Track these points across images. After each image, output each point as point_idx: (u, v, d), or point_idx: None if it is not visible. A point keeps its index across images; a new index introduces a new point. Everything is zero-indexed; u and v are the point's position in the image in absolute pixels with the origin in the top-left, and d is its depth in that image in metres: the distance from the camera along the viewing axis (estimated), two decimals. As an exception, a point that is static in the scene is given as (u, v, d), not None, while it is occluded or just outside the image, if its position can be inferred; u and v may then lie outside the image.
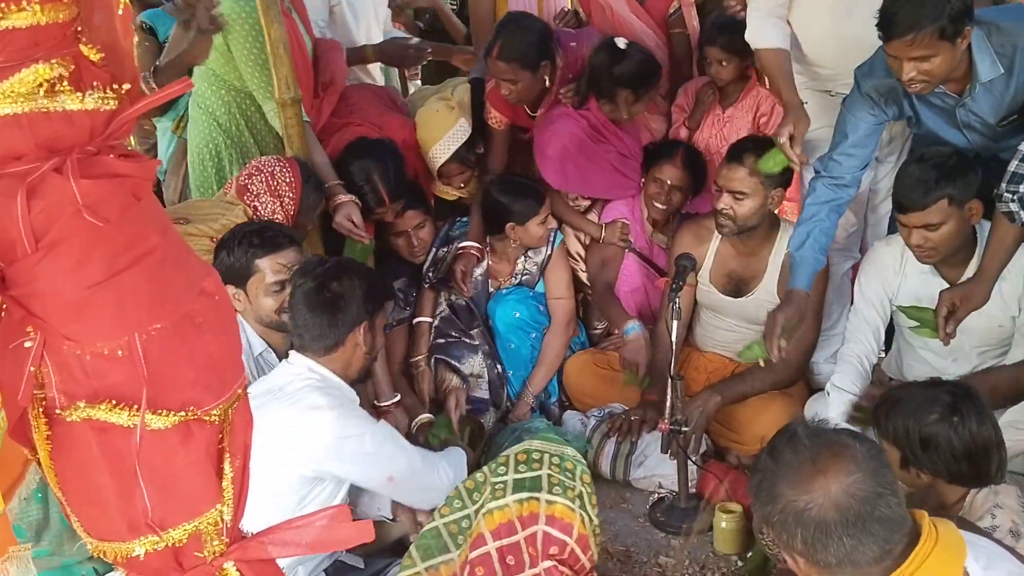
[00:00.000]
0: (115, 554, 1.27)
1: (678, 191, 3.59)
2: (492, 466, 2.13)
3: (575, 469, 2.09)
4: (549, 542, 1.97)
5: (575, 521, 2.00)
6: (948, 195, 2.68)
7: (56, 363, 1.18)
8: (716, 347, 3.56)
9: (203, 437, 1.26)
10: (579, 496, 2.04)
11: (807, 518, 1.59)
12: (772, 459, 1.67)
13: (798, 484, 1.61)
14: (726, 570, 2.78)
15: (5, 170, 1.10)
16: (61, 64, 1.10)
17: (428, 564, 2.07)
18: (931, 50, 2.52)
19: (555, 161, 3.67)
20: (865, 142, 2.96)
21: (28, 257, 1.13)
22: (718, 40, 3.63)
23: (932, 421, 2.23)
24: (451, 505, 2.11)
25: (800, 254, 3.01)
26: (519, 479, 2.05)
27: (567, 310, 3.70)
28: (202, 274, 1.28)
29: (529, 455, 2.10)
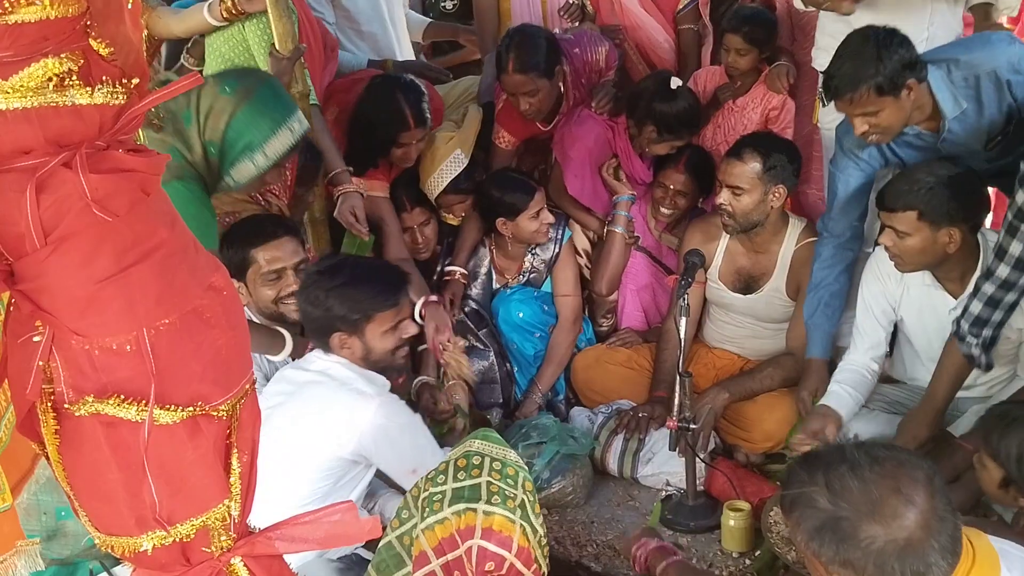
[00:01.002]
0: (123, 549, 1.27)
1: (683, 196, 3.58)
2: (432, 473, 1.97)
3: (517, 476, 1.92)
4: (485, 557, 1.81)
5: (515, 533, 1.83)
6: (918, 210, 2.63)
7: (64, 358, 1.18)
8: (725, 343, 3.56)
9: (211, 432, 1.26)
10: (521, 505, 1.87)
11: (909, 554, 1.48)
12: (837, 496, 1.52)
13: (892, 520, 1.48)
14: (734, 568, 2.78)
15: (14, 164, 1.10)
16: (70, 59, 1.10)
17: None
18: (874, 106, 2.62)
19: (576, 164, 3.66)
20: (858, 197, 3.02)
21: (37, 252, 1.12)
22: (741, 29, 3.66)
23: None
24: (399, 517, 1.98)
25: (813, 322, 3.07)
26: (458, 488, 1.89)
27: (574, 308, 3.69)
28: (210, 269, 1.27)
29: (469, 460, 1.93)
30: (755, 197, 3.15)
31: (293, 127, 2.57)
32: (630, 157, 3.70)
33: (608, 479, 3.27)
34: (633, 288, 3.78)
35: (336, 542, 1.43)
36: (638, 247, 3.75)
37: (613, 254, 3.66)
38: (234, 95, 2.47)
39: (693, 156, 3.58)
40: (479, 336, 3.59)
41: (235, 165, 2.52)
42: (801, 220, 3.36)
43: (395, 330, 2.63)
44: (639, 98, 3.54)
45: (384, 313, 2.60)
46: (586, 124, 3.66)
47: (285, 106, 2.60)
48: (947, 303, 2.86)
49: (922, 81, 2.62)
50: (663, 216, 3.65)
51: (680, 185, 3.56)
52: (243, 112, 2.48)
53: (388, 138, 3.36)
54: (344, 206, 3.19)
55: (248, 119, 2.49)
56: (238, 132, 2.49)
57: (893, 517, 1.48)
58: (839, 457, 1.56)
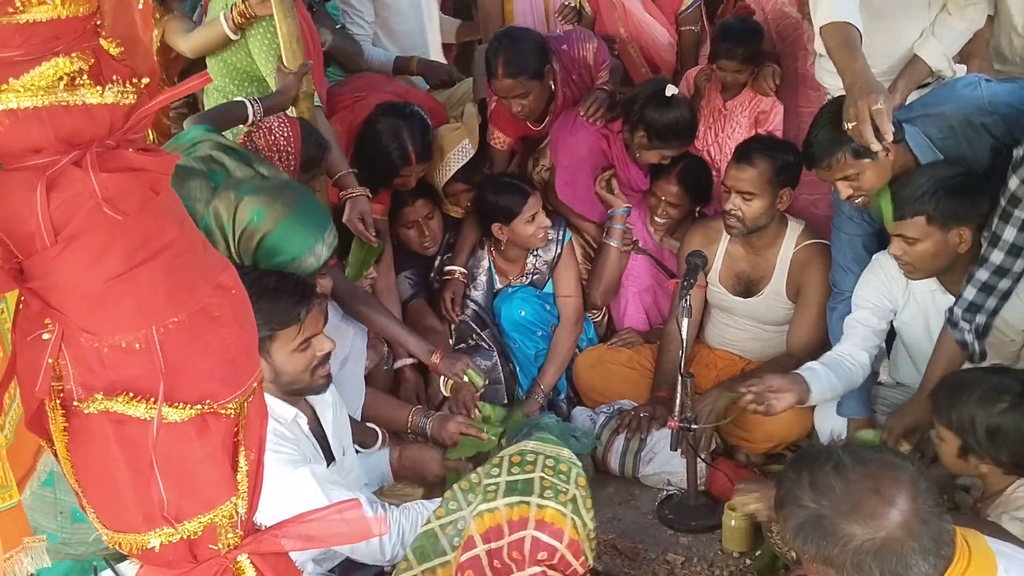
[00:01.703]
0: (130, 546, 1.28)
1: (674, 207, 3.60)
2: (487, 467, 2.08)
3: (570, 472, 2.02)
4: (538, 547, 1.91)
5: (566, 526, 1.93)
6: (928, 214, 2.60)
7: (74, 355, 1.19)
8: (727, 345, 3.56)
9: (219, 430, 1.27)
10: (572, 500, 1.96)
11: (886, 553, 1.50)
12: (820, 494, 1.55)
13: (870, 520, 1.51)
14: (734, 568, 2.78)
15: (25, 163, 1.10)
16: (81, 58, 1.11)
17: (424, 567, 2.03)
18: (853, 169, 2.65)
19: (567, 172, 3.68)
20: (862, 255, 3.03)
21: (47, 250, 1.13)
22: (738, 54, 3.72)
23: (1001, 410, 2.20)
24: (446, 507, 2.07)
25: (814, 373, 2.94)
26: (511, 481, 2.00)
27: (576, 308, 3.70)
28: (219, 268, 1.28)
29: (523, 456, 2.04)
30: (766, 201, 3.16)
31: (319, 252, 2.53)
32: (626, 165, 3.71)
33: (609, 478, 3.27)
34: (635, 290, 3.78)
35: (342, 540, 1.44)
36: (638, 249, 3.76)
37: (608, 266, 3.68)
38: (262, 222, 2.46)
39: (687, 167, 3.59)
40: (482, 336, 3.60)
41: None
42: (799, 222, 3.36)
43: (306, 348, 2.38)
44: (633, 102, 3.57)
45: (286, 331, 2.34)
46: (579, 133, 3.65)
47: (313, 233, 2.53)
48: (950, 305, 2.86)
49: (899, 142, 2.61)
50: (658, 224, 3.68)
51: (672, 197, 3.58)
52: (271, 238, 2.46)
53: (391, 171, 3.39)
54: (353, 212, 3.18)
55: (275, 245, 2.47)
56: (266, 254, 2.48)
57: (871, 517, 1.51)
58: (826, 457, 1.59)
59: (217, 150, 2.60)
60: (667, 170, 3.58)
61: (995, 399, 2.21)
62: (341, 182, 3.22)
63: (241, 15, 3.10)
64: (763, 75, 3.76)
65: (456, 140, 3.58)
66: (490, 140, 3.75)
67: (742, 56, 3.71)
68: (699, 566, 2.80)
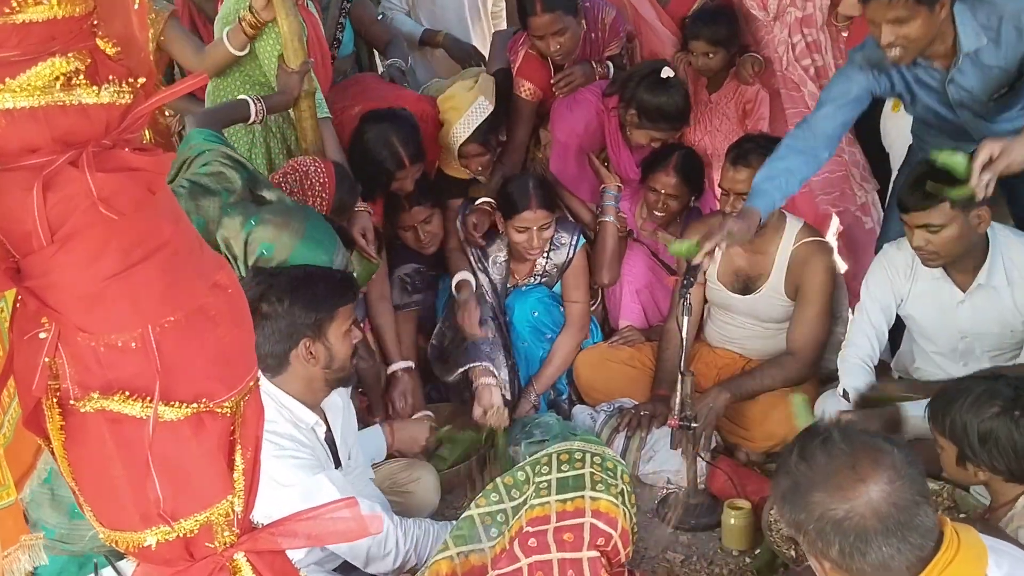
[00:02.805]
0: (127, 544, 1.28)
1: (674, 199, 3.61)
2: (535, 466, 2.19)
3: (616, 469, 2.16)
4: (596, 534, 2.02)
5: (619, 516, 2.05)
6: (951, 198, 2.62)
7: (70, 354, 1.19)
8: (727, 343, 3.56)
9: (215, 429, 1.27)
10: (621, 493, 2.09)
11: (847, 527, 1.54)
12: (804, 463, 1.60)
13: (837, 492, 1.55)
14: (734, 566, 2.79)
15: (21, 163, 1.11)
16: (77, 58, 1.11)
17: (460, 550, 2.13)
18: (908, 12, 2.56)
19: (561, 147, 3.75)
20: (846, 104, 2.93)
21: (43, 249, 1.13)
22: (703, 33, 3.73)
23: (992, 415, 2.19)
24: (488, 498, 2.18)
25: (762, 187, 2.94)
26: (562, 478, 2.12)
27: (582, 314, 3.70)
28: (215, 267, 1.28)
29: (571, 455, 2.17)
30: None
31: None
32: (619, 149, 3.75)
33: (609, 477, 3.28)
34: (631, 290, 3.80)
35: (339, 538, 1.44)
36: (634, 239, 3.80)
37: (608, 243, 3.71)
38: (273, 254, 2.53)
39: (682, 158, 3.61)
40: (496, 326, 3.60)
41: None
42: (798, 220, 3.37)
43: (350, 332, 2.52)
44: (629, 79, 3.62)
45: (345, 308, 2.49)
46: (578, 111, 3.72)
47: (321, 259, 2.60)
48: (955, 296, 2.88)
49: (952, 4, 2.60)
50: (657, 219, 3.68)
51: (671, 188, 3.58)
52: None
53: (386, 178, 3.41)
54: (356, 227, 3.20)
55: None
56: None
57: (838, 489, 1.55)
58: (820, 432, 1.64)
59: (226, 167, 2.61)
60: (663, 163, 3.59)
61: (986, 404, 2.21)
62: None
63: (251, 25, 3.09)
64: (742, 63, 3.78)
65: (472, 98, 3.58)
66: (518, 92, 3.76)
67: (707, 37, 3.70)
68: (699, 564, 2.81)
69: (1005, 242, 2.80)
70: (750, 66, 3.75)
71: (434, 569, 2.12)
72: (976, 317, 2.87)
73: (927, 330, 3.02)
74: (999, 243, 2.79)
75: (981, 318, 2.86)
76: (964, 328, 2.91)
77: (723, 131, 3.88)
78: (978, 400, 2.23)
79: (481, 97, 3.58)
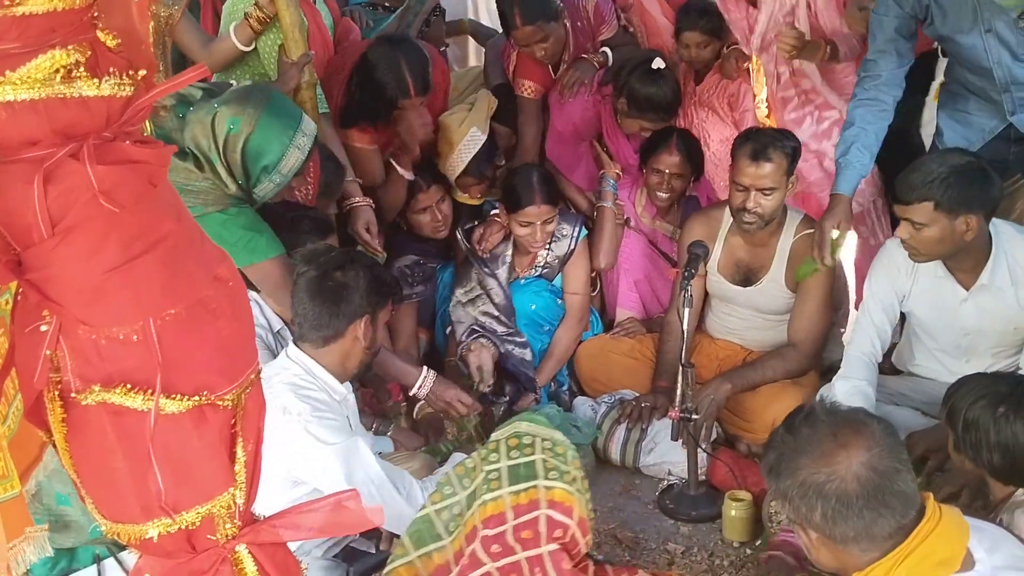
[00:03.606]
0: (129, 536, 1.28)
1: (679, 178, 3.63)
2: (483, 452, 2.07)
3: (566, 453, 2.04)
4: (554, 525, 1.93)
5: (575, 504, 1.96)
6: (935, 200, 2.61)
7: (71, 347, 1.20)
8: (728, 335, 3.56)
9: (216, 422, 1.27)
10: (574, 480, 2.00)
11: (828, 491, 1.60)
12: (790, 435, 1.69)
13: (819, 458, 1.63)
14: (735, 558, 2.79)
15: (22, 155, 1.11)
16: (78, 50, 1.11)
17: (421, 552, 2.03)
18: None
19: (557, 134, 3.80)
20: (895, 38, 3.03)
21: (44, 242, 1.13)
22: (698, 24, 3.75)
23: (979, 406, 2.24)
24: (442, 492, 2.07)
25: (845, 160, 3.06)
26: (513, 465, 2.00)
27: (581, 306, 3.70)
28: (216, 260, 1.28)
29: (520, 439, 2.04)
30: (783, 193, 3.18)
31: (300, 143, 2.68)
32: (616, 136, 3.79)
33: (610, 468, 3.27)
34: (629, 281, 3.81)
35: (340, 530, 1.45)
36: (631, 227, 3.82)
37: (607, 228, 3.74)
38: (240, 127, 2.59)
39: (681, 137, 3.64)
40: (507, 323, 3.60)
41: (258, 185, 2.68)
42: (798, 212, 3.37)
43: (385, 325, 2.71)
44: (621, 69, 3.68)
45: (392, 299, 2.66)
46: (576, 100, 3.78)
47: (289, 125, 2.67)
48: (958, 294, 2.86)
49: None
50: (661, 201, 3.69)
51: (675, 167, 3.60)
52: (252, 141, 2.60)
53: (388, 102, 3.31)
54: (359, 222, 3.19)
55: (257, 147, 2.62)
56: (252, 160, 2.63)
57: (821, 455, 1.63)
58: (806, 410, 1.73)
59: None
60: (664, 143, 3.61)
61: (978, 395, 2.26)
62: (344, 190, 3.22)
63: (258, 21, 3.08)
64: (726, 57, 3.80)
65: (465, 131, 3.56)
66: (520, 92, 3.83)
67: (703, 27, 3.73)
68: (699, 556, 2.81)
69: (1009, 241, 2.77)
70: (734, 60, 3.77)
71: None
72: (979, 315, 2.86)
73: (929, 327, 3.01)
74: (1003, 242, 2.76)
75: (984, 316, 2.85)
76: (967, 326, 2.90)
77: (710, 123, 3.90)
78: (973, 390, 2.28)
79: (474, 128, 3.55)
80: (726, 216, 3.39)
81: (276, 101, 2.70)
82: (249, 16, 3.08)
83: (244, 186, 2.69)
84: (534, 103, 3.85)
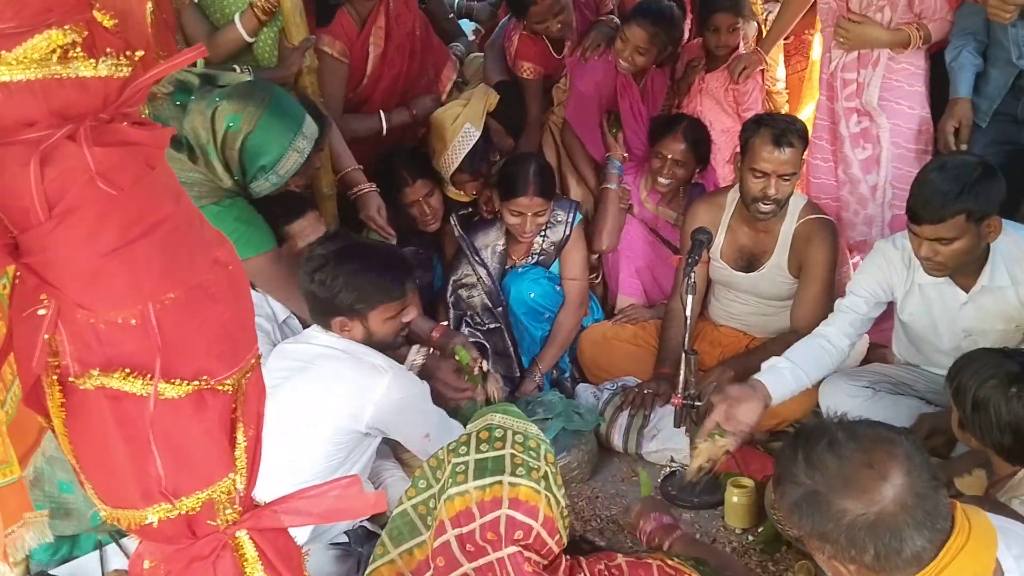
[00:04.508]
0: (128, 521, 1.28)
1: (681, 166, 3.63)
2: (453, 444, 2.01)
3: (539, 448, 1.98)
4: (514, 526, 1.86)
5: (540, 503, 1.88)
6: (967, 210, 2.54)
7: (70, 331, 1.18)
8: (731, 321, 3.56)
9: (216, 406, 1.26)
10: (544, 477, 1.92)
11: (880, 529, 1.50)
12: (815, 470, 1.55)
13: (862, 495, 1.51)
14: (737, 544, 2.79)
15: (18, 137, 1.09)
16: (74, 30, 1.09)
17: (401, 549, 2.00)
18: None
19: (579, 95, 3.82)
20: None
21: (42, 225, 1.12)
22: (724, 5, 3.84)
23: (989, 385, 2.21)
24: (416, 486, 2.03)
25: (957, 63, 3.20)
26: (480, 460, 1.93)
27: (581, 291, 3.70)
28: (215, 244, 1.27)
29: (491, 432, 1.98)
30: (798, 177, 3.21)
31: (300, 146, 2.68)
32: (633, 93, 3.81)
33: (613, 455, 3.27)
34: (631, 268, 3.80)
35: (340, 516, 1.44)
36: (634, 214, 3.83)
37: (610, 209, 3.76)
38: (239, 125, 2.58)
39: (689, 125, 3.64)
40: (495, 314, 3.59)
41: (254, 183, 2.70)
42: (802, 197, 3.37)
43: (396, 318, 2.64)
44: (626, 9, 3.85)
45: (389, 305, 2.60)
46: (597, 63, 3.82)
47: (290, 127, 2.66)
48: (958, 298, 2.83)
49: None
50: (661, 187, 3.69)
51: (679, 154, 3.60)
52: (251, 140, 2.60)
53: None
54: (370, 209, 3.21)
55: (256, 146, 2.62)
56: (250, 159, 2.64)
57: (864, 492, 1.51)
58: (820, 433, 1.59)
59: (180, 74, 2.64)
60: (671, 129, 3.63)
61: (988, 374, 2.23)
62: (349, 179, 3.21)
63: (263, 11, 3.05)
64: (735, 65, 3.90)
65: (458, 127, 3.53)
66: (521, 73, 3.87)
67: (731, 9, 3.82)
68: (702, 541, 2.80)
69: (1004, 240, 2.71)
70: (741, 70, 3.86)
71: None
72: (980, 316, 2.83)
73: (927, 332, 2.97)
74: (998, 241, 2.70)
75: (986, 317, 2.82)
76: (968, 326, 2.87)
77: (713, 112, 3.95)
78: (983, 368, 2.25)
79: (467, 124, 3.53)
80: (729, 202, 3.38)
81: (278, 101, 2.67)
82: (254, 5, 3.06)
83: (240, 181, 2.69)
84: (534, 83, 3.90)
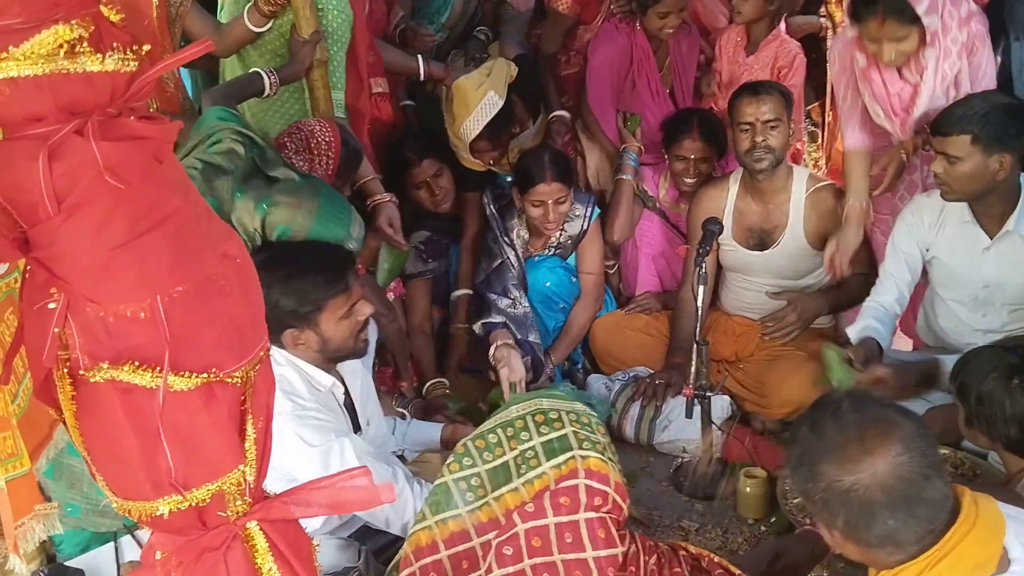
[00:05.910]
0: (140, 513, 1.29)
1: (704, 162, 3.62)
2: (506, 428, 2.07)
3: (591, 423, 2.07)
4: (592, 494, 1.95)
5: (609, 471, 1.98)
6: (972, 133, 2.66)
7: (80, 325, 1.19)
8: (744, 310, 3.54)
9: (225, 399, 1.27)
10: (605, 448, 2.03)
11: (852, 499, 1.53)
12: (814, 433, 1.60)
13: (843, 464, 1.54)
14: (748, 535, 2.78)
15: (26, 132, 1.10)
16: (81, 25, 1.10)
17: (437, 518, 2.08)
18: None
19: (595, 72, 3.82)
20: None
21: (51, 219, 1.13)
22: None
23: (991, 379, 2.21)
24: (460, 462, 2.09)
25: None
26: (546, 442, 2.02)
27: (596, 285, 3.70)
28: (224, 237, 1.28)
29: (547, 415, 2.06)
30: (787, 129, 3.26)
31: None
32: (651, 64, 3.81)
33: (625, 446, 3.26)
34: (648, 253, 3.80)
35: (351, 507, 1.45)
36: (653, 208, 3.81)
37: (623, 201, 3.77)
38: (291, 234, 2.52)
39: (702, 120, 3.63)
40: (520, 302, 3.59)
41: None
42: (803, 169, 3.39)
43: (350, 315, 2.46)
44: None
45: (336, 299, 2.43)
46: (616, 36, 3.81)
47: (336, 234, 2.59)
48: (981, 241, 2.87)
49: None
50: (688, 186, 3.66)
51: (699, 152, 3.59)
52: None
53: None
54: (382, 218, 3.20)
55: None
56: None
57: (846, 461, 1.55)
58: (831, 402, 1.64)
59: (236, 142, 2.58)
60: (685, 130, 3.61)
61: (989, 368, 2.23)
62: (367, 188, 3.22)
63: (267, 4, 3.04)
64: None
65: (481, 94, 3.53)
66: (555, 6, 3.79)
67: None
68: (713, 533, 2.80)
69: None
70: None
71: (413, 540, 2.07)
72: (1000, 265, 2.87)
73: (950, 276, 3.00)
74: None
75: (1005, 267, 2.86)
76: (987, 276, 2.91)
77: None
78: (983, 363, 2.26)
79: (491, 92, 3.52)
80: (731, 183, 3.40)
81: (327, 207, 2.60)
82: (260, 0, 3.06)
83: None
84: (565, 18, 3.82)
